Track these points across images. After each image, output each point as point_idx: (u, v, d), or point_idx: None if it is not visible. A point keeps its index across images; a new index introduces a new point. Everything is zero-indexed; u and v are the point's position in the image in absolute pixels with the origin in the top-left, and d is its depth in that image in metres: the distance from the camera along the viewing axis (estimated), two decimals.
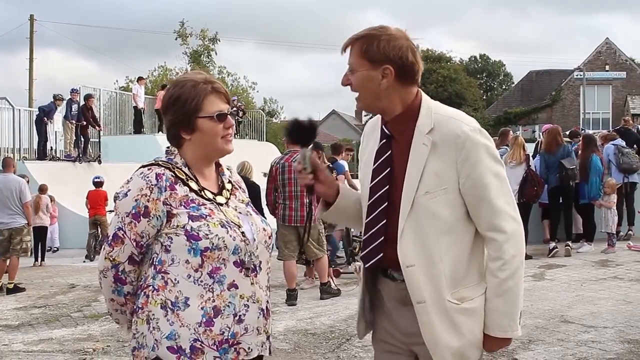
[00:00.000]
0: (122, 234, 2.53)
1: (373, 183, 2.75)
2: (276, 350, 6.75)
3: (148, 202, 2.51)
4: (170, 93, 2.64)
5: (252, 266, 2.59)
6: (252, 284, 2.59)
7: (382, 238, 2.71)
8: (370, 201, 2.76)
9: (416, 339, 2.70)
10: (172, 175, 2.57)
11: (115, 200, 2.57)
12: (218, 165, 2.79)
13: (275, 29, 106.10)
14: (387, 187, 2.70)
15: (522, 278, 2.65)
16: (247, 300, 2.56)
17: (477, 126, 2.63)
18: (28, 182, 15.38)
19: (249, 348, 2.56)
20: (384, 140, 2.76)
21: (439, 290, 2.61)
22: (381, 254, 2.71)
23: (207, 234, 2.50)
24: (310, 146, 2.80)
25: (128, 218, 2.52)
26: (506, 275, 2.60)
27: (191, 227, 2.50)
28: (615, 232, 12.14)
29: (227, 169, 2.86)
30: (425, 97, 2.74)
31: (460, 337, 2.62)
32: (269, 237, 2.74)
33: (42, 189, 15.73)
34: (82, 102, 20.43)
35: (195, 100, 2.59)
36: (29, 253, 12.54)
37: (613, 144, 13.41)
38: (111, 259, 2.55)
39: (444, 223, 2.61)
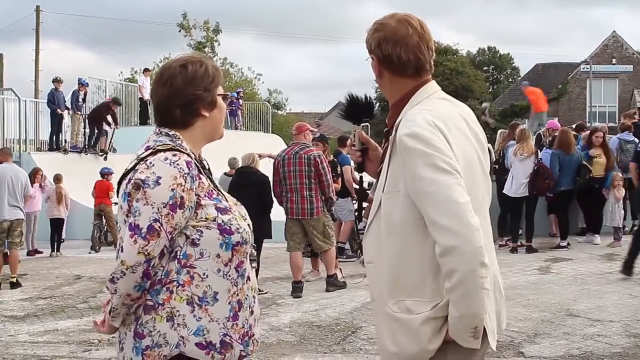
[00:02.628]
0: (159, 226, 2.35)
1: (379, 169, 2.76)
2: (282, 342, 6.76)
3: (183, 192, 2.37)
4: (194, 69, 2.55)
5: (253, 257, 2.59)
6: (254, 275, 2.60)
7: None
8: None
9: None
10: (194, 164, 2.47)
11: (139, 188, 2.37)
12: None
13: (273, 20, 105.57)
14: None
15: (466, 296, 2.37)
16: (254, 292, 2.57)
17: (415, 130, 2.45)
18: (42, 173, 15.46)
19: (257, 338, 2.58)
20: (386, 129, 2.77)
21: (383, 292, 2.58)
22: None
23: (237, 228, 2.46)
24: (362, 124, 2.82)
25: (165, 209, 2.35)
26: (448, 287, 2.39)
27: (222, 221, 2.44)
28: (621, 227, 12.13)
29: None
30: (420, 92, 2.65)
31: (396, 344, 2.53)
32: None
33: (58, 179, 15.66)
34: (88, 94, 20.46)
35: (217, 78, 2.59)
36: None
37: (618, 138, 13.39)
38: (146, 253, 2.34)
39: (393, 225, 2.53)
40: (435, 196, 2.38)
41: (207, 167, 2.64)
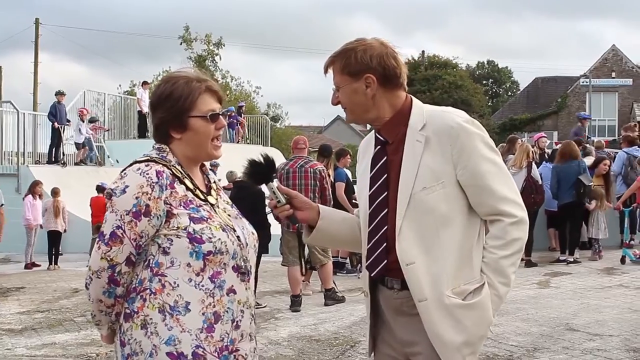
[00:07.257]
0: (122, 233, 2.40)
1: (372, 191, 2.75)
2: (280, 357, 6.73)
3: (149, 200, 2.40)
4: (162, 89, 2.55)
5: (247, 271, 2.56)
6: (246, 289, 2.55)
7: (385, 245, 2.68)
8: (370, 209, 2.74)
9: (413, 348, 2.69)
10: (171, 174, 2.48)
11: (110, 197, 2.44)
12: (202, 164, 2.72)
13: (263, 33, 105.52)
14: (386, 193, 2.69)
15: (517, 262, 2.67)
16: (243, 306, 2.53)
17: (468, 117, 2.66)
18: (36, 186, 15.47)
19: (245, 354, 2.52)
20: (379, 147, 2.77)
21: (440, 286, 2.58)
22: (385, 261, 2.69)
23: (210, 238, 2.44)
24: (275, 180, 2.81)
25: (128, 217, 2.40)
26: (506, 254, 2.62)
27: (193, 230, 2.43)
28: (599, 239, 12.07)
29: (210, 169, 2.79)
30: (415, 100, 2.76)
31: (463, 332, 2.58)
32: (257, 241, 2.70)
33: (56, 192, 15.65)
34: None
35: (189, 98, 2.52)
36: None
37: (626, 152, 13.26)
38: (108, 259, 2.41)
39: (443, 217, 2.59)
40: (501, 174, 2.65)
41: (212, 181, 2.71)
